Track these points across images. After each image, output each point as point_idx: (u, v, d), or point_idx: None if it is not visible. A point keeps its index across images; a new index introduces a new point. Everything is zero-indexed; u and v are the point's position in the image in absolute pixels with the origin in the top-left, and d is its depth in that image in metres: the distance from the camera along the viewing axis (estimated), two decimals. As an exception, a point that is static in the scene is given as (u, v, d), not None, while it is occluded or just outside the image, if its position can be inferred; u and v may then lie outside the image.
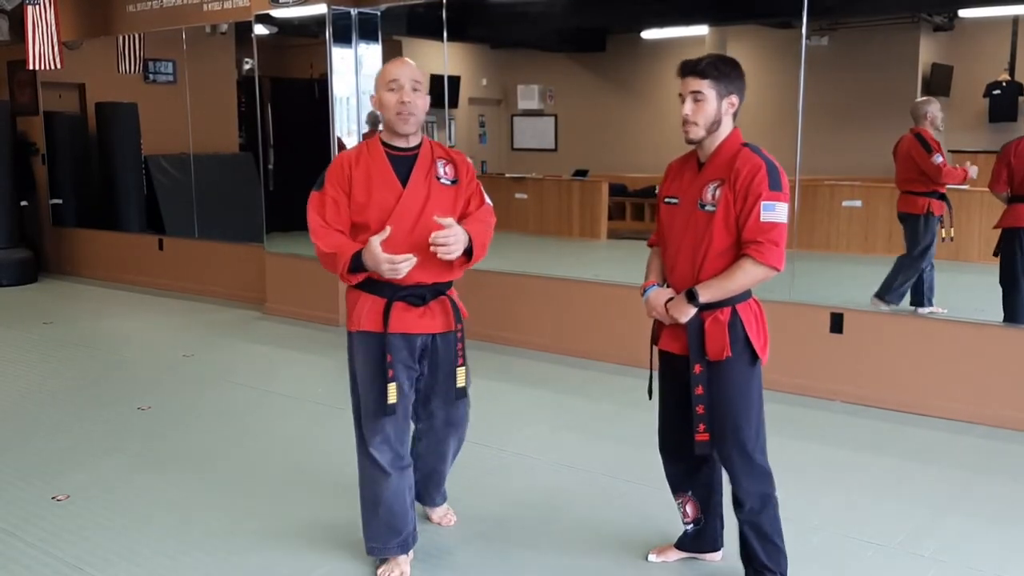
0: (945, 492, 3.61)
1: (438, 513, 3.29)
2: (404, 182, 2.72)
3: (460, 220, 2.76)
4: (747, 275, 2.57)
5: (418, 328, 2.78)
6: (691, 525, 2.95)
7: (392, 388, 2.73)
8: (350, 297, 2.82)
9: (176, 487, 3.68)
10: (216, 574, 2.97)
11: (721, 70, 2.59)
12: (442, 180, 2.78)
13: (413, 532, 2.92)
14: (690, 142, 2.68)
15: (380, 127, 2.84)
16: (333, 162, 2.78)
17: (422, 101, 2.72)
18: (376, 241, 2.58)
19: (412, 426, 2.96)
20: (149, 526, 3.31)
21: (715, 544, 2.97)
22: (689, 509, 2.92)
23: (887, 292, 5.37)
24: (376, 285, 2.72)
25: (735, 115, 2.66)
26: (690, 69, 2.61)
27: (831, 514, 3.36)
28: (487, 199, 2.88)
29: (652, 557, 3.02)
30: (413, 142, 2.78)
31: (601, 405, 4.83)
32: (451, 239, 2.63)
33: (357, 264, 2.65)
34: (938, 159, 5.38)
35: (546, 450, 4.06)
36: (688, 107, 2.61)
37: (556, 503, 3.49)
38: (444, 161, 2.82)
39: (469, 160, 2.91)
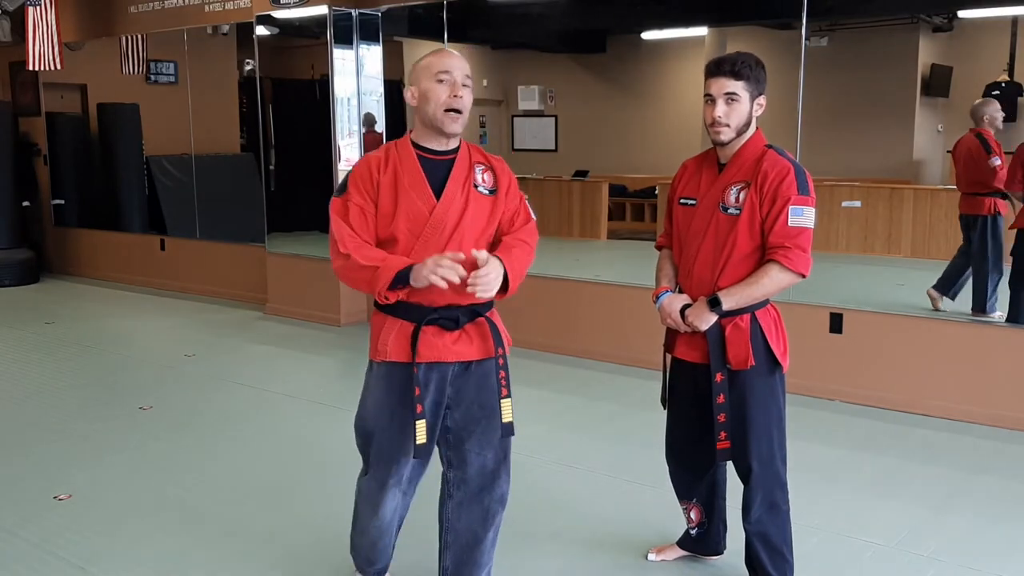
0: (945, 492, 3.62)
1: None
2: (438, 190, 2.35)
3: (497, 239, 2.44)
4: (773, 281, 2.51)
5: (451, 355, 2.40)
6: (695, 529, 2.95)
7: (421, 426, 2.35)
8: (375, 321, 2.45)
9: (177, 487, 3.69)
10: (217, 574, 2.98)
11: (754, 70, 2.51)
12: (480, 189, 2.40)
13: (390, 556, 2.76)
14: (718, 144, 2.58)
15: (410, 127, 2.49)
16: (358, 165, 2.41)
17: (470, 99, 2.36)
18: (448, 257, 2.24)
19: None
20: (150, 526, 3.32)
21: (717, 547, 2.97)
22: (694, 515, 2.92)
23: (986, 302, 5.33)
24: (403, 307, 2.36)
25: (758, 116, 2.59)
26: (725, 69, 2.50)
27: (831, 514, 3.37)
28: (532, 214, 2.53)
29: (652, 556, 3.02)
30: (452, 145, 2.40)
31: (601, 405, 4.85)
32: (489, 277, 2.28)
33: (402, 280, 2.27)
34: (996, 161, 5.39)
35: (546, 450, 4.07)
36: (721, 109, 2.50)
37: (556, 503, 3.50)
38: (483, 167, 2.44)
39: (508, 167, 2.52)
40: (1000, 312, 5.17)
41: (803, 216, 2.48)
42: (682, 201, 2.70)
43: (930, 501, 3.52)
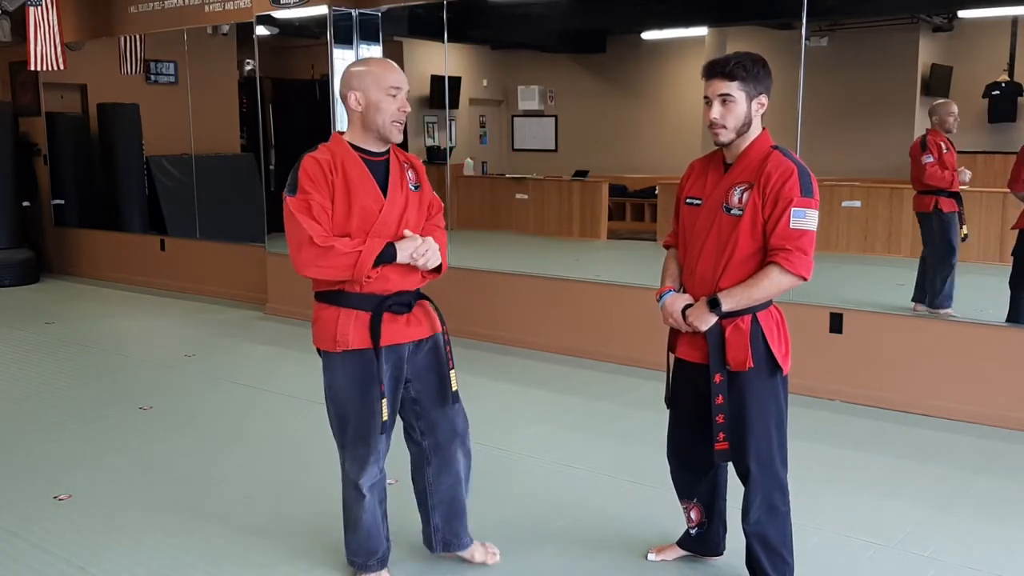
0: (944, 491, 3.62)
1: (476, 553, 2.97)
2: (382, 190, 2.60)
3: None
4: (773, 283, 2.49)
5: (406, 337, 2.66)
6: (695, 529, 2.95)
7: (384, 404, 2.62)
8: (325, 315, 2.64)
9: (177, 487, 3.70)
10: (217, 574, 2.98)
11: (750, 70, 2.49)
12: (411, 186, 2.68)
13: (388, 547, 2.89)
14: (718, 145, 2.59)
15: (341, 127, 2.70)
16: (307, 166, 2.56)
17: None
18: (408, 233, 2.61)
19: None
20: (150, 526, 3.32)
21: (716, 548, 2.96)
22: (694, 515, 2.92)
23: (935, 297, 5.36)
24: (358, 298, 2.58)
25: (763, 115, 2.57)
26: (717, 71, 2.50)
27: (831, 514, 3.37)
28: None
29: (651, 556, 3.02)
30: (386, 147, 2.66)
31: (601, 405, 4.84)
32: (432, 248, 2.61)
33: (387, 256, 2.54)
34: (926, 159, 5.44)
35: (546, 450, 4.07)
36: (716, 111, 2.50)
37: (556, 503, 3.50)
38: (407, 165, 2.71)
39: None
40: (949, 311, 5.18)
41: (805, 218, 2.46)
42: (688, 201, 2.69)
43: (930, 501, 3.52)
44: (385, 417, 2.62)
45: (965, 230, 5.50)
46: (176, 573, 2.97)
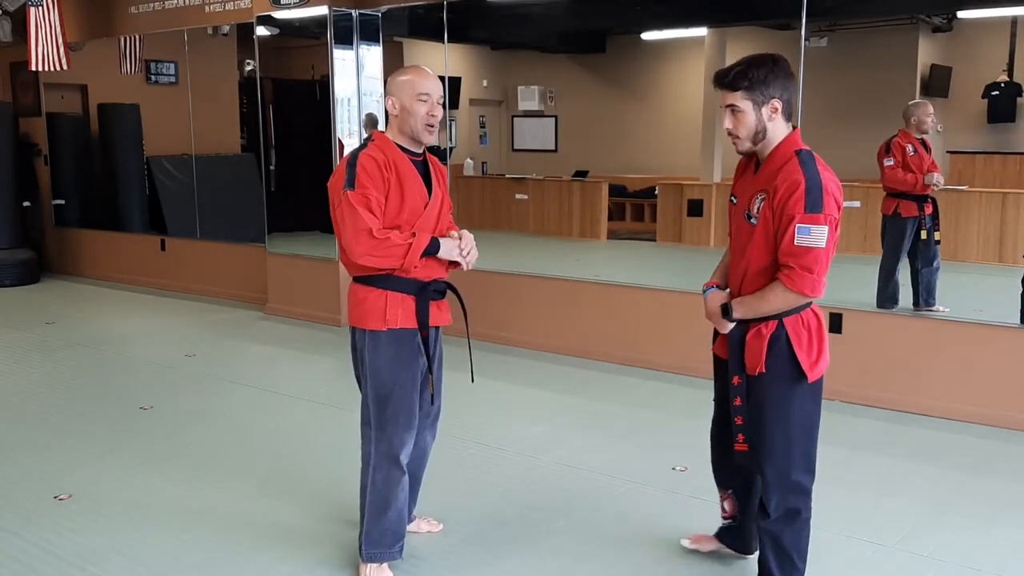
0: (944, 491, 3.62)
1: (424, 523, 3.24)
2: (427, 188, 2.82)
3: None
4: (779, 299, 2.45)
5: (438, 320, 2.88)
6: (727, 520, 2.94)
7: (430, 380, 2.88)
8: (372, 296, 2.77)
9: (177, 486, 3.70)
10: (217, 574, 2.98)
11: (753, 76, 2.43)
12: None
13: None
14: (740, 154, 2.59)
15: (382, 127, 2.88)
16: (365, 163, 2.71)
17: (441, 114, 2.84)
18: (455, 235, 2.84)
19: None
20: (151, 525, 3.33)
21: (747, 546, 2.94)
22: (727, 505, 2.92)
23: (877, 299, 5.37)
24: (405, 282, 2.77)
25: (790, 114, 2.50)
26: (720, 81, 2.48)
27: (830, 513, 3.36)
28: None
29: (685, 543, 3.03)
30: (420, 148, 2.85)
31: (601, 405, 4.85)
32: (473, 247, 2.87)
33: (432, 250, 2.75)
34: (887, 162, 5.43)
35: (546, 450, 4.07)
36: (728, 121, 2.50)
37: (556, 503, 3.50)
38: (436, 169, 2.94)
39: None
40: (940, 307, 5.17)
41: (811, 235, 2.38)
42: (732, 199, 2.68)
43: (930, 501, 3.52)
44: (432, 391, 2.88)
45: (937, 235, 5.39)
46: (176, 573, 2.98)
